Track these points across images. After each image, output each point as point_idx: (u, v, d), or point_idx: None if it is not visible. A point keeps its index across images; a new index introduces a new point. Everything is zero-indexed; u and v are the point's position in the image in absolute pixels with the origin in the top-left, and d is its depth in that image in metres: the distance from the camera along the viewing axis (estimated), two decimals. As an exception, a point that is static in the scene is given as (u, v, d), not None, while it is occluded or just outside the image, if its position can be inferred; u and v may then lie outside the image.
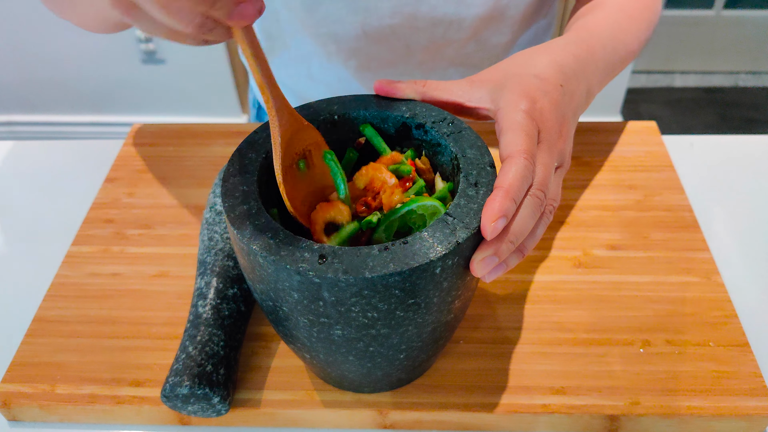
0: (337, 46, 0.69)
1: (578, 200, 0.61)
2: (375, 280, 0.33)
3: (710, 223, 0.60)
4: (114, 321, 0.52)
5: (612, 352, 0.49)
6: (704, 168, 0.66)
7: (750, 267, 0.57)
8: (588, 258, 0.55)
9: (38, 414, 0.48)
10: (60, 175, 0.69)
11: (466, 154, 0.41)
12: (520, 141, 0.38)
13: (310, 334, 0.38)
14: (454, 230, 0.35)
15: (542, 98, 0.41)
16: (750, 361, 0.48)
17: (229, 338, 0.46)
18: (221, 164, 0.66)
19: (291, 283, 0.35)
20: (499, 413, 0.45)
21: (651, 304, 0.52)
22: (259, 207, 0.37)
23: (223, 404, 0.44)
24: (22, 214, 0.65)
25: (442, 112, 0.44)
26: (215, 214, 0.53)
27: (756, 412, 0.45)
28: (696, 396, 0.46)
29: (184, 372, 0.43)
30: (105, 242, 0.59)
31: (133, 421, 0.48)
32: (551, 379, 0.47)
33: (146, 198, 0.63)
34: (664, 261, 0.55)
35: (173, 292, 0.54)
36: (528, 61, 0.45)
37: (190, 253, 0.57)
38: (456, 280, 0.37)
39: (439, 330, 0.40)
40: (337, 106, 0.45)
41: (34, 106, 2.01)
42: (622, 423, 0.45)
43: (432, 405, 0.46)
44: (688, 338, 0.49)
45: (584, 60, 0.48)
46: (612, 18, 0.55)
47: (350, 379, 0.44)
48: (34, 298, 0.55)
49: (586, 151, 0.66)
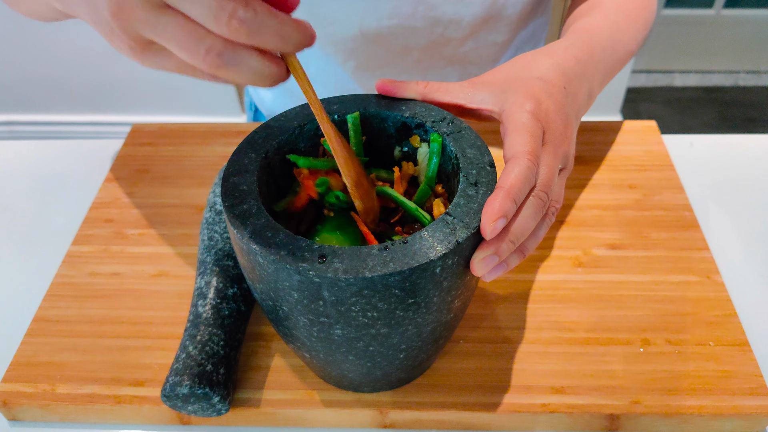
0: (334, 46, 0.69)
1: (578, 200, 0.61)
2: (375, 279, 0.33)
3: (710, 223, 0.60)
4: (114, 321, 0.52)
5: (612, 351, 0.49)
6: (704, 167, 0.66)
7: (750, 267, 0.57)
8: (588, 258, 0.55)
9: (38, 414, 0.48)
10: (60, 175, 0.69)
11: (466, 153, 0.41)
12: (524, 142, 0.38)
13: (310, 333, 0.38)
14: (454, 230, 0.35)
15: (547, 100, 0.41)
16: (750, 361, 0.48)
17: (229, 338, 0.46)
18: (221, 164, 0.66)
19: (291, 282, 0.35)
20: (499, 413, 0.45)
21: (651, 303, 0.52)
22: (259, 207, 0.37)
23: (223, 404, 0.44)
24: (22, 214, 0.65)
25: (441, 111, 0.44)
26: (215, 213, 0.53)
27: (756, 411, 0.45)
28: (696, 395, 0.46)
29: (184, 371, 0.43)
30: (105, 242, 0.59)
31: (133, 420, 0.48)
32: (551, 378, 0.47)
33: (146, 198, 0.63)
34: (664, 260, 0.55)
35: (173, 292, 0.54)
36: (531, 63, 0.45)
37: (190, 252, 0.57)
38: (456, 279, 0.37)
39: (438, 329, 0.40)
40: (337, 105, 0.45)
41: (34, 106, 2.00)
42: (622, 422, 0.45)
43: (432, 404, 0.46)
44: (688, 338, 0.49)
45: (585, 62, 0.48)
46: (611, 19, 0.55)
47: (350, 379, 0.44)
48: (34, 297, 0.55)
49: (586, 150, 0.66)
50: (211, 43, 0.29)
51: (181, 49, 0.30)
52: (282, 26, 0.30)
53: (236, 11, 0.28)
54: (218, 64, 0.30)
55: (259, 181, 0.40)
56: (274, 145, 0.42)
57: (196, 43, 0.29)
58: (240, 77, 0.30)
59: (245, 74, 0.30)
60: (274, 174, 0.43)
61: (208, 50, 0.29)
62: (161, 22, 0.29)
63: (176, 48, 0.30)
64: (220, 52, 0.29)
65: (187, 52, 0.30)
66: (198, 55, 0.29)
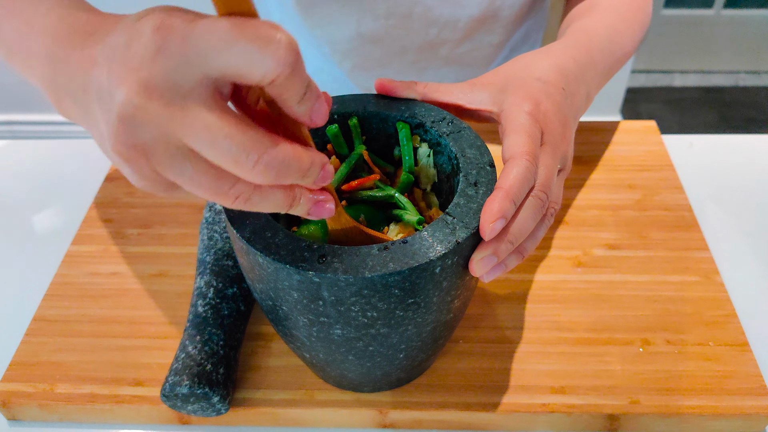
0: (331, 47, 0.69)
1: (578, 200, 0.61)
2: (374, 279, 0.33)
3: (710, 223, 0.60)
4: (114, 320, 0.52)
5: (612, 351, 0.49)
6: (704, 168, 0.66)
7: (750, 267, 0.57)
8: (588, 258, 0.55)
9: (38, 413, 0.48)
10: (60, 175, 0.69)
11: (465, 153, 0.41)
12: (523, 142, 0.38)
13: (310, 333, 0.38)
14: (454, 230, 0.35)
15: (546, 101, 0.41)
16: (750, 361, 0.48)
17: (228, 338, 0.46)
18: (221, 164, 0.66)
19: (290, 282, 0.35)
20: (499, 412, 0.45)
21: (650, 303, 0.52)
22: (258, 206, 0.37)
23: (223, 404, 0.44)
24: (22, 213, 0.65)
25: (441, 111, 0.44)
26: (215, 213, 0.53)
27: (755, 411, 0.45)
28: (695, 395, 0.46)
29: (183, 371, 0.43)
30: (104, 242, 0.59)
31: (132, 420, 0.48)
32: (551, 378, 0.47)
33: (146, 197, 0.63)
34: (663, 260, 0.55)
35: (173, 292, 0.54)
36: (529, 64, 0.45)
37: (190, 252, 0.57)
38: (455, 279, 0.37)
39: (438, 329, 0.40)
40: (336, 105, 0.45)
41: (34, 105, 2.00)
42: (622, 422, 0.45)
43: (432, 404, 0.46)
44: (687, 338, 0.49)
45: (584, 63, 0.48)
46: (608, 20, 0.55)
47: (350, 379, 0.44)
48: (34, 297, 0.55)
49: (585, 150, 0.66)
50: (240, 190, 0.29)
51: (208, 194, 0.29)
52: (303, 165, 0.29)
53: (262, 157, 0.27)
54: (245, 206, 0.30)
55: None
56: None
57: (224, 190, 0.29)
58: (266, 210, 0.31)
59: (270, 209, 0.31)
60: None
61: (237, 197, 0.29)
62: (186, 169, 0.28)
63: (201, 192, 0.29)
64: (248, 197, 0.29)
65: (214, 197, 0.29)
66: (227, 200, 0.29)
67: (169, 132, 0.27)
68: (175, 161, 0.28)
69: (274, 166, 0.28)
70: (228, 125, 0.27)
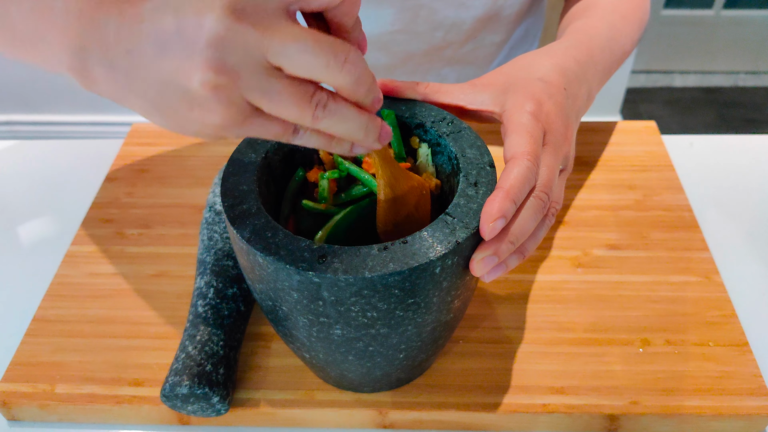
0: None
1: (578, 200, 0.61)
2: (374, 279, 0.33)
3: (710, 223, 0.60)
4: (114, 321, 0.52)
5: (612, 351, 0.49)
6: (704, 168, 0.66)
7: (750, 267, 0.57)
8: (588, 258, 0.55)
9: (38, 414, 0.48)
10: (60, 175, 0.69)
11: (465, 153, 0.41)
12: (524, 142, 0.38)
13: (310, 333, 0.38)
14: (454, 230, 0.35)
15: (548, 101, 0.41)
16: (750, 361, 0.48)
17: (228, 338, 0.46)
18: (221, 164, 0.66)
19: (290, 282, 0.35)
20: (499, 413, 0.45)
21: (650, 303, 0.52)
22: (258, 207, 0.37)
23: (223, 404, 0.44)
24: (22, 213, 0.65)
25: (441, 111, 0.44)
26: (215, 213, 0.53)
27: (755, 412, 0.45)
28: (695, 396, 0.46)
29: (183, 372, 0.43)
30: (105, 242, 0.59)
31: (132, 420, 0.48)
32: (551, 378, 0.47)
33: (146, 198, 0.63)
34: (663, 261, 0.55)
35: (173, 292, 0.54)
36: (531, 65, 0.45)
37: (190, 252, 0.57)
38: (455, 279, 0.37)
39: (438, 330, 0.40)
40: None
41: (34, 106, 2.00)
42: (622, 422, 0.45)
43: (432, 405, 0.46)
44: (687, 338, 0.49)
45: (585, 63, 0.48)
46: (607, 20, 0.55)
47: (350, 379, 0.44)
48: (34, 297, 0.55)
49: (585, 150, 0.66)
50: (320, 97, 0.30)
51: (291, 108, 0.30)
52: (370, 78, 0.32)
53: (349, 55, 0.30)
54: (323, 119, 0.31)
55: (259, 180, 0.40)
56: (274, 144, 0.42)
57: (307, 99, 0.30)
58: (340, 127, 0.32)
59: (342, 127, 0.32)
60: (274, 174, 0.43)
61: (317, 104, 0.30)
62: (273, 84, 0.29)
63: (284, 108, 0.30)
64: (326, 104, 0.31)
65: (299, 109, 0.30)
66: (307, 111, 0.30)
67: (257, 52, 0.29)
68: (262, 79, 0.29)
69: (358, 64, 0.30)
70: (312, 34, 0.29)
